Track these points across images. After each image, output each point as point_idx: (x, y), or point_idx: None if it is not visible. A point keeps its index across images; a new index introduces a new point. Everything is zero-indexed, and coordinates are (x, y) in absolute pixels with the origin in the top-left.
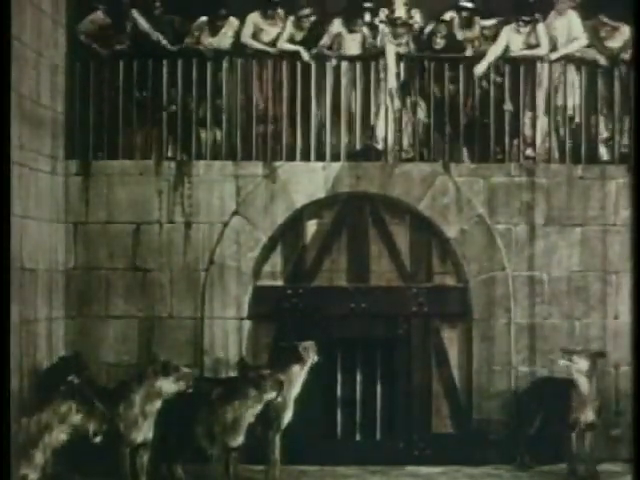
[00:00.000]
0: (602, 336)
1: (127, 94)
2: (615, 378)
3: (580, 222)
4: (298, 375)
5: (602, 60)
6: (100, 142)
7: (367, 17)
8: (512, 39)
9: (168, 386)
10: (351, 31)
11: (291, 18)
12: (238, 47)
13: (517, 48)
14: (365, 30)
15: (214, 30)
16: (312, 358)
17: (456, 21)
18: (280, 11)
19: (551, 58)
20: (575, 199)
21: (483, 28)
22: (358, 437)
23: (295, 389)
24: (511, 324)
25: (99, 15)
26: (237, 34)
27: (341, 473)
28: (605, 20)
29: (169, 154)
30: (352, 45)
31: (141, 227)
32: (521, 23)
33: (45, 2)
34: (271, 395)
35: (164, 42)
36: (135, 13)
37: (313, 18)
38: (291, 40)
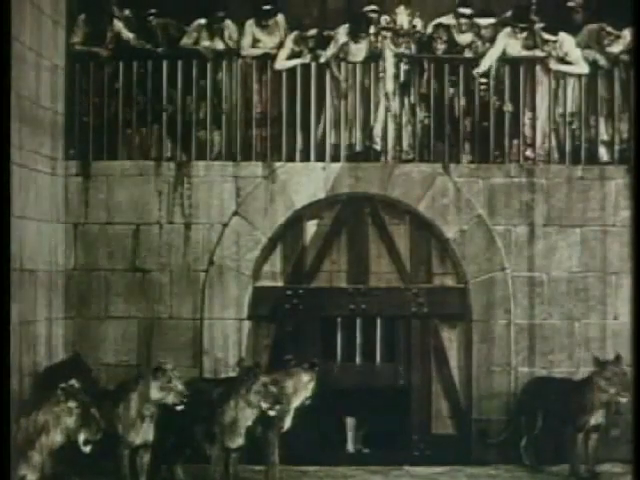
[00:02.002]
0: (602, 337)
1: (127, 95)
2: None
3: (580, 223)
4: (305, 386)
5: (602, 61)
6: (100, 143)
7: (372, 28)
8: (509, 44)
9: (155, 392)
10: (356, 41)
11: (291, 35)
12: (237, 49)
13: (515, 51)
14: (370, 37)
15: (212, 33)
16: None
17: (454, 26)
18: (276, 19)
19: (551, 68)
20: (575, 200)
21: (481, 28)
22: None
23: (299, 398)
24: (511, 325)
25: (80, 22)
26: (234, 38)
27: (341, 473)
28: (609, 29)
29: (169, 155)
30: (358, 53)
31: (141, 228)
32: (517, 29)
33: (45, 2)
34: (265, 406)
35: (148, 47)
36: (117, 22)
37: (315, 32)
38: (291, 56)
